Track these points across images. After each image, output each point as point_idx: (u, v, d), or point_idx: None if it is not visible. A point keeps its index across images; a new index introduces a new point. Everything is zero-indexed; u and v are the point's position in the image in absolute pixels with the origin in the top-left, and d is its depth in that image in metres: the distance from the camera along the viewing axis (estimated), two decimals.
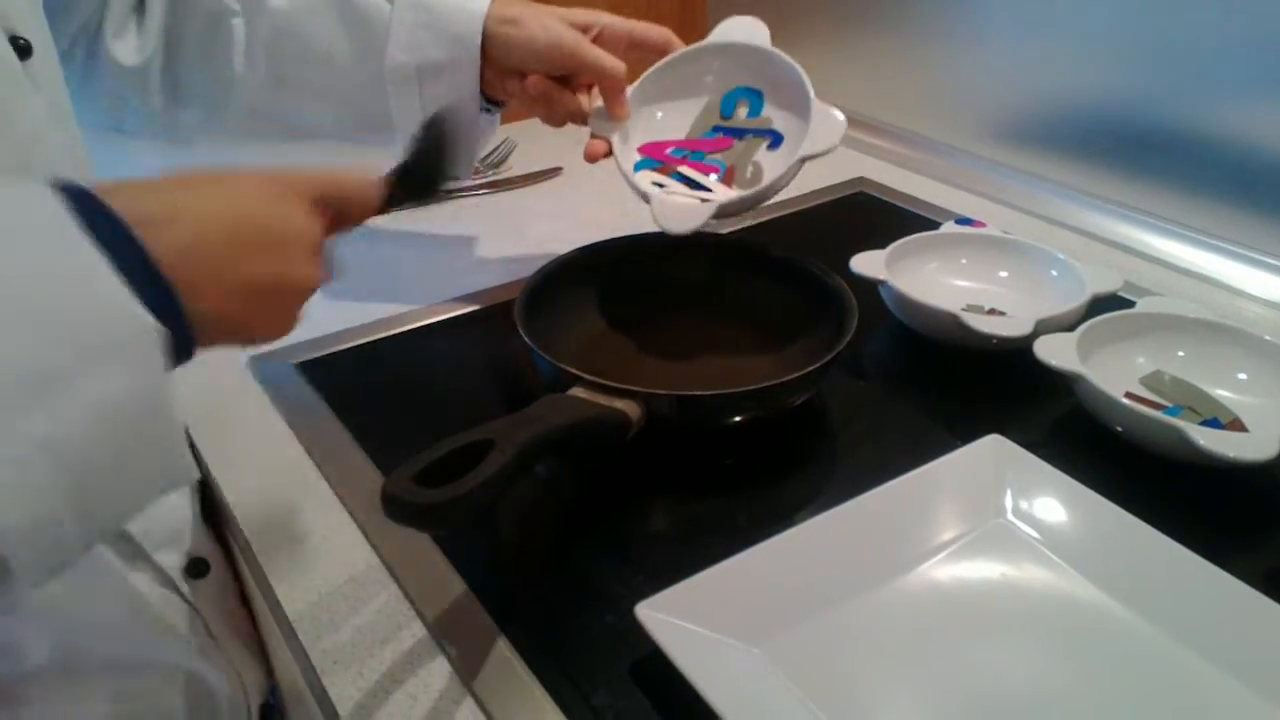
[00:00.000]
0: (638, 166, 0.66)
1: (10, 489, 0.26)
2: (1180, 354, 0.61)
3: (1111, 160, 0.84)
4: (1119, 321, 0.61)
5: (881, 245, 0.70)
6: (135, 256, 0.30)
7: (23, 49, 0.43)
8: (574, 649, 0.44)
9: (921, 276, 0.70)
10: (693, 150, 0.67)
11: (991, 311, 0.67)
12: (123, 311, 0.28)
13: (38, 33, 0.46)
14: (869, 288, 0.66)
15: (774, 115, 0.68)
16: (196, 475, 0.33)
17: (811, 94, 0.64)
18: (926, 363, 0.66)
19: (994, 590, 0.45)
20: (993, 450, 0.51)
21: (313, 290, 0.39)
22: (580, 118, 0.67)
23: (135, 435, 0.30)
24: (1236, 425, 0.55)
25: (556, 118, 0.67)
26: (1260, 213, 0.75)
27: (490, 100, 0.67)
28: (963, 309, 0.63)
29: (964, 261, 0.73)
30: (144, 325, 0.29)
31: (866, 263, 0.68)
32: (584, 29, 0.65)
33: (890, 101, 1.03)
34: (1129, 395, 0.57)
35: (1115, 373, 0.59)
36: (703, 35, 0.71)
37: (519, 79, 0.65)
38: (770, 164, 0.65)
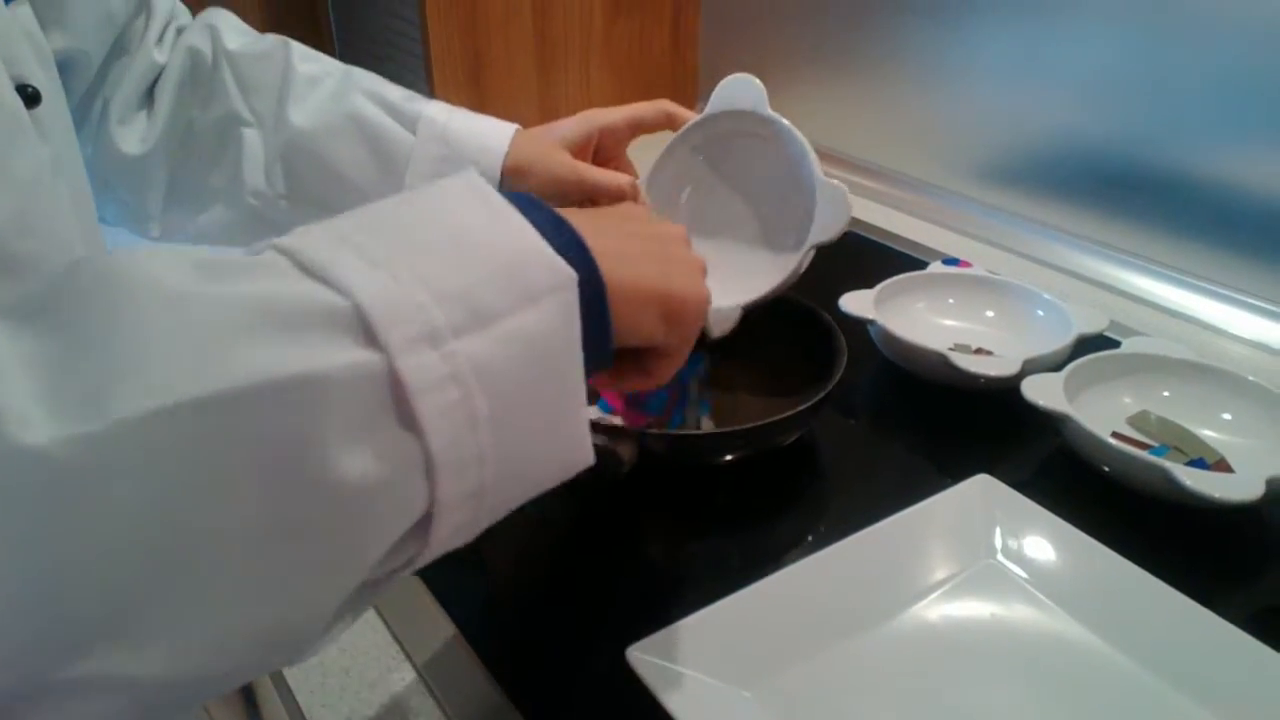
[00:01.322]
0: None
1: (450, 410, 0.26)
2: (1166, 394, 0.61)
3: (1096, 201, 0.85)
4: (1105, 362, 0.62)
5: (869, 284, 0.70)
6: (554, 227, 0.32)
7: (31, 97, 0.43)
8: (565, 692, 0.43)
9: (909, 316, 0.71)
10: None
11: (979, 351, 0.68)
12: (549, 262, 0.30)
13: (47, 83, 0.46)
14: (857, 326, 0.66)
15: (772, 180, 0.67)
16: (592, 460, 0.33)
17: (817, 172, 0.63)
18: (915, 401, 0.67)
19: (984, 631, 0.46)
20: (982, 490, 0.52)
21: (703, 267, 0.40)
22: None
23: (553, 378, 0.30)
24: (1222, 465, 0.56)
25: None
26: (1243, 254, 0.76)
27: None
28: (950, 348, 0.63)
29: (951, 301, 0.73)
30: (564, 274, 0.30)
31: (855, 302, 0.68)
32: (584, 143, 0.66)
33: (877, 141, 1.05)
34: (1115, 435, 0.57)
35: (1102, 412, 0.59)
36: (694, 75, 0.71)
37: None
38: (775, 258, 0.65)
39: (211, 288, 0.24)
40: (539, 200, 0.33)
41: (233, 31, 0.62)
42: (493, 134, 0.63)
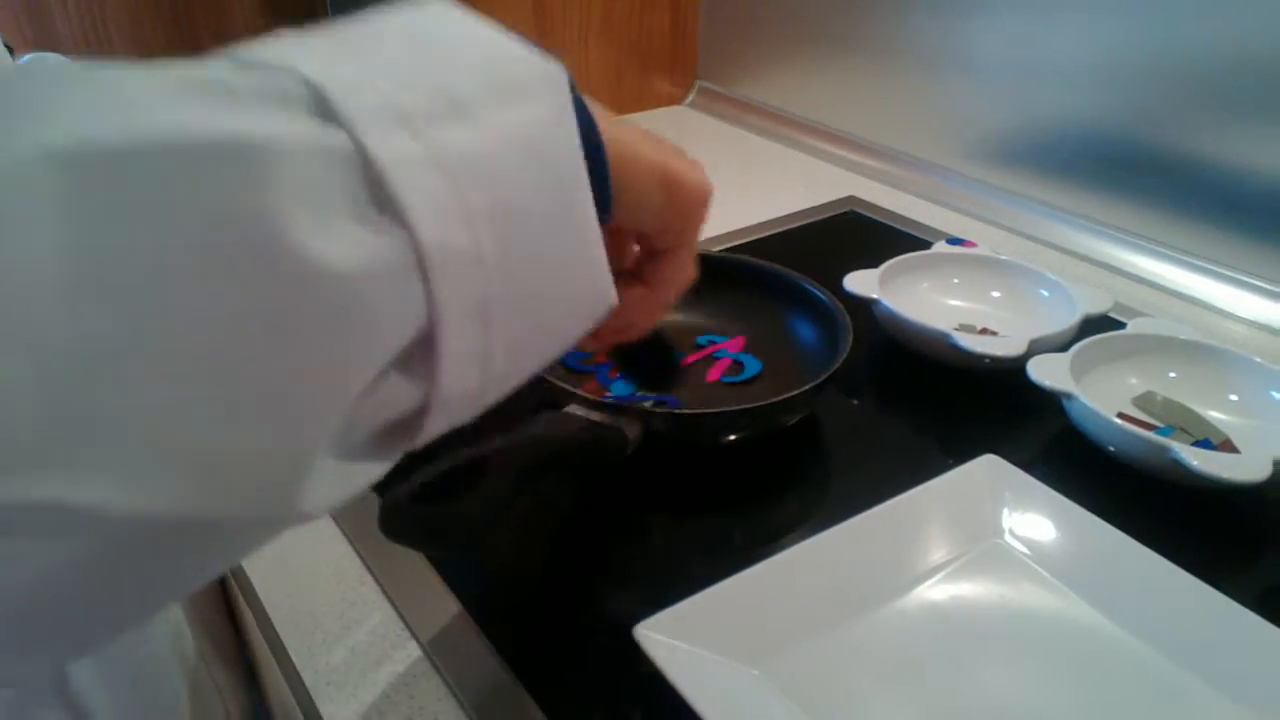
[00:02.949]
0: None
1: (436, 196, 0.23)
2: (1172, 375, 0.61)
3: (1102, 182, 0.85)
4: (1111, 342, 0.61)
5: (873, 264, 0.70)
6: (558, 73, 0.28)
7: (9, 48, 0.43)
8: (571, 670, 0.43)
9: (914, 296, 0.71)
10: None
11: (984, 331, 0.68)
12: (531, 59, 0.27)
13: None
14: (862, 307, 0.66)
15: None
16: (614, 299, 0.29)
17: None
18: (919, 382, 0.66)
19: (990, 611, 0.45)
20: (988, 470, 0.52)
21: (702, 168, 0.37)
22: None
23: (554, 187, 0.26)
24: (1228, 446, 0.56)
25: None
26: (1249, 235, 0.76)
27: None
28: (955, 328, 0.63)
29: (956, 281, 0.73)
30: (551, 71, 0.27)
31: (859, 282, 0.68)
32: None
33: (881, 121, 1.04)
34: (1121, 416, 0.57)
35: (1107, 393, 0.59)
36: (694, 53, 0.70)
37: None
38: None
39: (135, 73, 0.21)
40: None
41: None
42: None
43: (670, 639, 0.41)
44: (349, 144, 0.22)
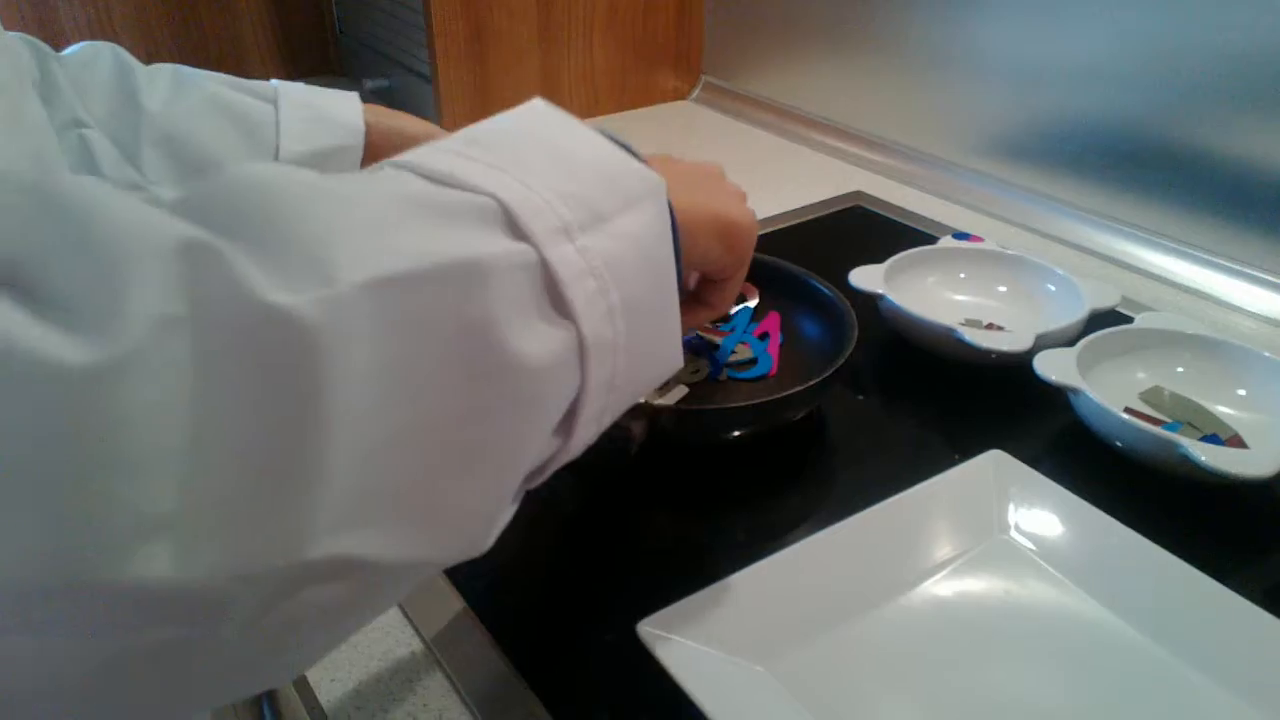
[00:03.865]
0: None
1: (593, 299, 0.28)
2: (1179, 369, 0.61)
3: (1108, 176, 0.84)
4: (1118, 337, 0.61)
5: (879, 259, 0.70)
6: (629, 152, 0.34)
7: None
8: (575, 667, 0.43)
9: (920, 291, 0.70)
10: None
11: (990, 326, 0.68)
12: (639, 171, 0.32)
13: None
14: (867, 302, 0.66)
15: None
16: (682, 363, 0.35)
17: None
18: (925, 377, 0.66)
19: (997, 607, 0.45)
20: (994, 466, 0.51)
21: (745, 196, 0.43)
22: None
23: (657, 278, 0.32)
24: (1236, 441, 0.55)
25: None
26: (1255, 229, 0.75)
27: None
28: (961, 323, 0.63)
29: (962, 276, 0.73)
30: (655, 180, 0.33)
31: (865, 277, 0.68)
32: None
33: (887, 116, 1.04)
34: (1128, 410, 0.57)
35: (1115, 388, 0.59)
36: (699, 49, 0.70)
37: None
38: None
39: (354, 189, 0.25)
40: (602, 128, 0.34)
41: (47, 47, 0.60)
42: (342, 97, 0.66)
43: (674, 635, 0.40)
44: (535, 257, 0.27)
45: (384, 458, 0.23)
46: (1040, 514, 0.49)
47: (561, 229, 0.28)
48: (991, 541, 0.49)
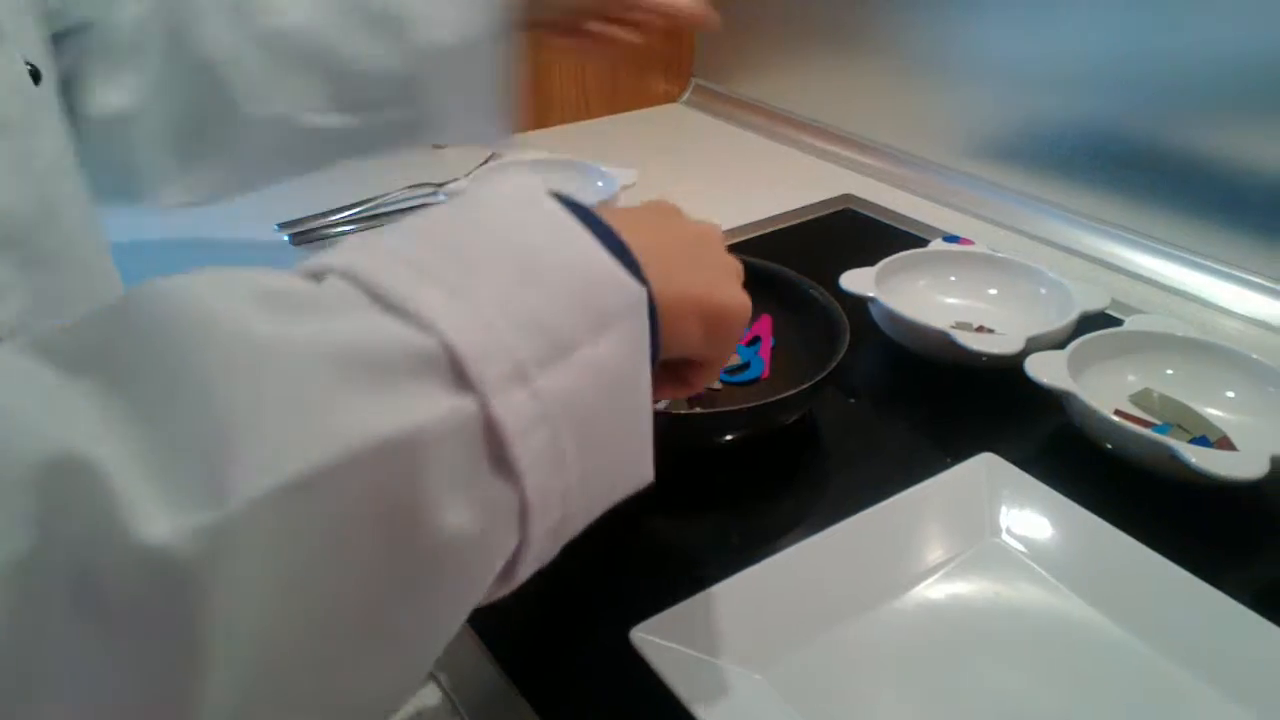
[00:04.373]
0: None
1: (542, 451, 0.26)
2: (1169, 372, 0.61)
3: (1098, 178, 0.85)
4: (1109, 339, 0.61)
5: (870, 262, 0.70)
6: (610, 241, 0.31)
7: (33, 74, 0.41)
8: (568, 674, 0.43)
9: (911, 294, 0.70)
10: None
11: (981, 329, 0.68)
12: (618, 282, 0.29)
13: (44, 59, 0.44)
14: (858, 305, 0.66)
15: None
16: (652, 478, 0.33)
17: None
18: (916, 380, 0.66)
19: (989, 611, 0.45)
20: (986, 469, 0.51)
21: (740, 272, 0.40)
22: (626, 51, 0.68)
23: (624, 406, 0.30)
24: (1225, 443, 0.56)
25: (601, 55, 0.68)
26: (1246, 231, 0.76)
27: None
28: (952, 326, 0.63)
29: (953, 279, 0.73)
30: (635, 293, 0.29)
31: (856, 280, 0.68)
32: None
33: (878, 119, 1.04)
34: (1119, 413, 0.57)
35: (1105, 390, 0.59)
36: (689, 50, 0.71)
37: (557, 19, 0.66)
38: None
39: (286, 329, 0.22)
40: (584, 204, 0.31)
41: None
42: None
43: (667, 642, 0.40)
44: (479, 412, 0.24)
45: (278, 678, 0.22)
46: (1031, 517, 0.49)
47: (515, 372, 0.25)
48: (983, 545, 0.49)
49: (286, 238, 0.83)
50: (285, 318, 0.23)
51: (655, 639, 0.40)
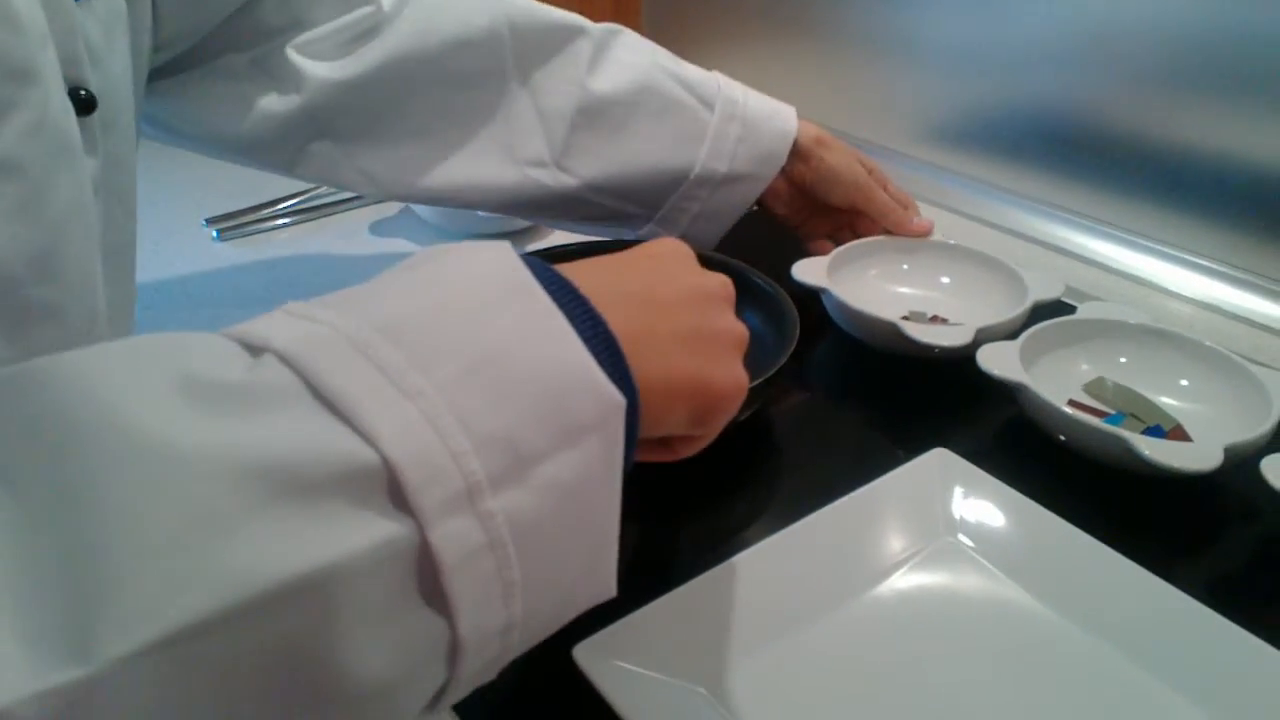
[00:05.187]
0: None
1: (484, 583, 0.23)
2: (1122, 360, 0.60)
3: (1049, 163, 0.84)
4: (1061, 328, 0.60)
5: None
6: (591, 328, 0.27)
7: (85, 103, 0.38)
8: (505, 696, 0.41)
9: (863, 283, 0.69)
10: None
11: (934, 318, 0.67)
12: (596, 390, 0.26)
13: (107, 81, 0.41)
14: (811, 296, 0.64)
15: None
16: (615, 592, 0.29)
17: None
18: (870, 372, 0.65)
19: (942, 609, 0.44)
20: (939, 465, 0.50)
21: (743, 341, 0.36)
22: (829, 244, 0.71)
23: (588, 522, 0.27)
24: (1179, 432, 0.55)
25: (819, 239, 0.73)
26: (1193, 215, 0.76)
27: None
28: (905, 316, 0.62)
29: (905, 267, 0.72)
30: (612, 403, 0.26)
31: (808, 270, 0.66)
32: (868, 170, 0.69)
33: (826, 105, 1.02)
34: (1072, 403, 0.56)
35: (1058, 380, 0.58)
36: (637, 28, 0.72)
37: (795, 196, 0.71)
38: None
39: (205, 435, 0.20)
40: (565, 281, 0.28)
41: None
42: (781, 114, 0.68)
43: (611, 659, 0.39)
44: (413, 538, 0.22)
45: None
46: (984, 514, 0.48)
47: (464, 493, 0.22)
48: (937, 544, 0.47)
49: (215, 234, 0.79)
50: (208, 417, 0.20)
51: (599, 656, 0.38)
